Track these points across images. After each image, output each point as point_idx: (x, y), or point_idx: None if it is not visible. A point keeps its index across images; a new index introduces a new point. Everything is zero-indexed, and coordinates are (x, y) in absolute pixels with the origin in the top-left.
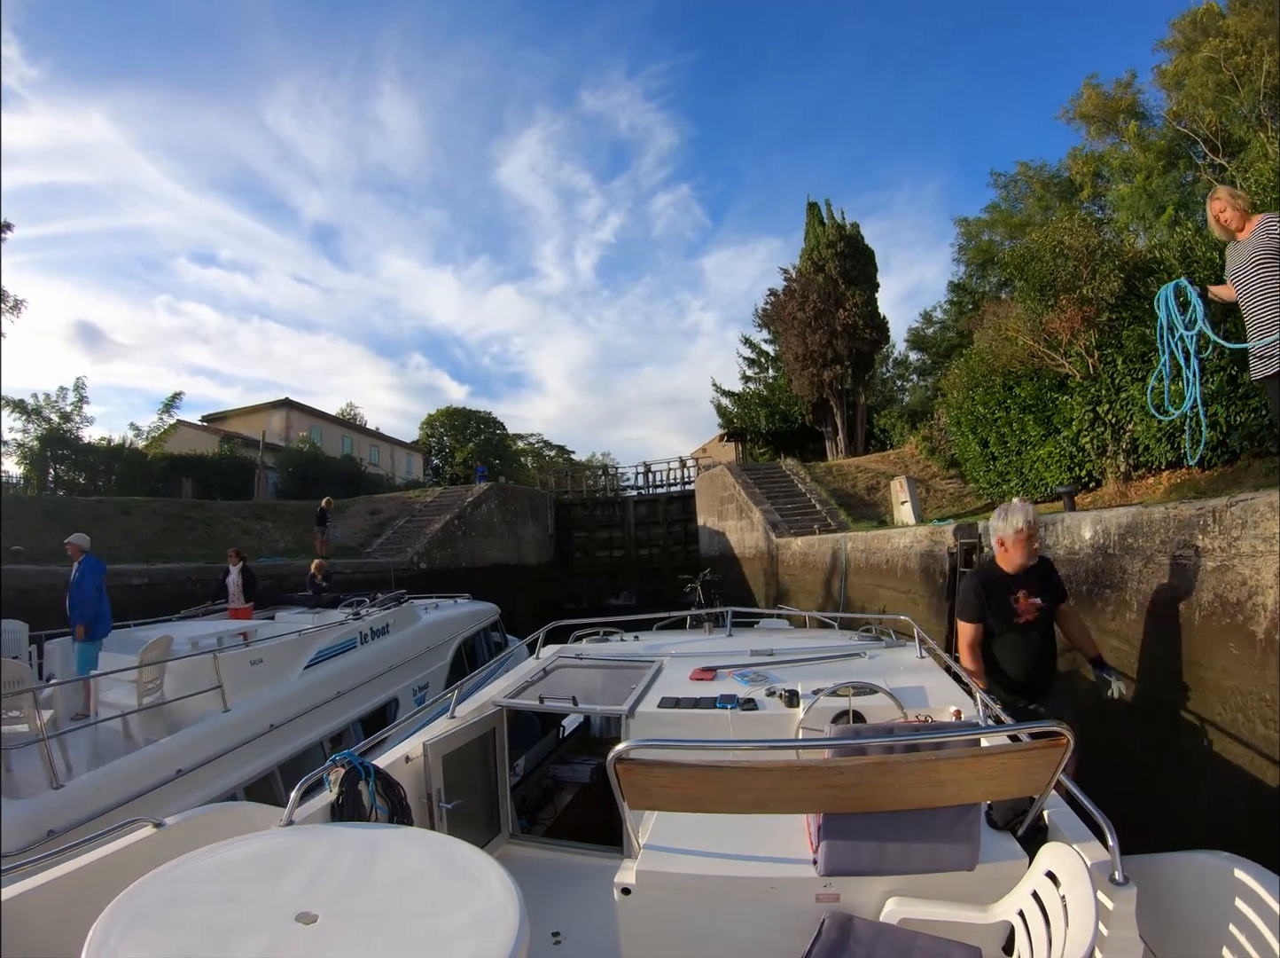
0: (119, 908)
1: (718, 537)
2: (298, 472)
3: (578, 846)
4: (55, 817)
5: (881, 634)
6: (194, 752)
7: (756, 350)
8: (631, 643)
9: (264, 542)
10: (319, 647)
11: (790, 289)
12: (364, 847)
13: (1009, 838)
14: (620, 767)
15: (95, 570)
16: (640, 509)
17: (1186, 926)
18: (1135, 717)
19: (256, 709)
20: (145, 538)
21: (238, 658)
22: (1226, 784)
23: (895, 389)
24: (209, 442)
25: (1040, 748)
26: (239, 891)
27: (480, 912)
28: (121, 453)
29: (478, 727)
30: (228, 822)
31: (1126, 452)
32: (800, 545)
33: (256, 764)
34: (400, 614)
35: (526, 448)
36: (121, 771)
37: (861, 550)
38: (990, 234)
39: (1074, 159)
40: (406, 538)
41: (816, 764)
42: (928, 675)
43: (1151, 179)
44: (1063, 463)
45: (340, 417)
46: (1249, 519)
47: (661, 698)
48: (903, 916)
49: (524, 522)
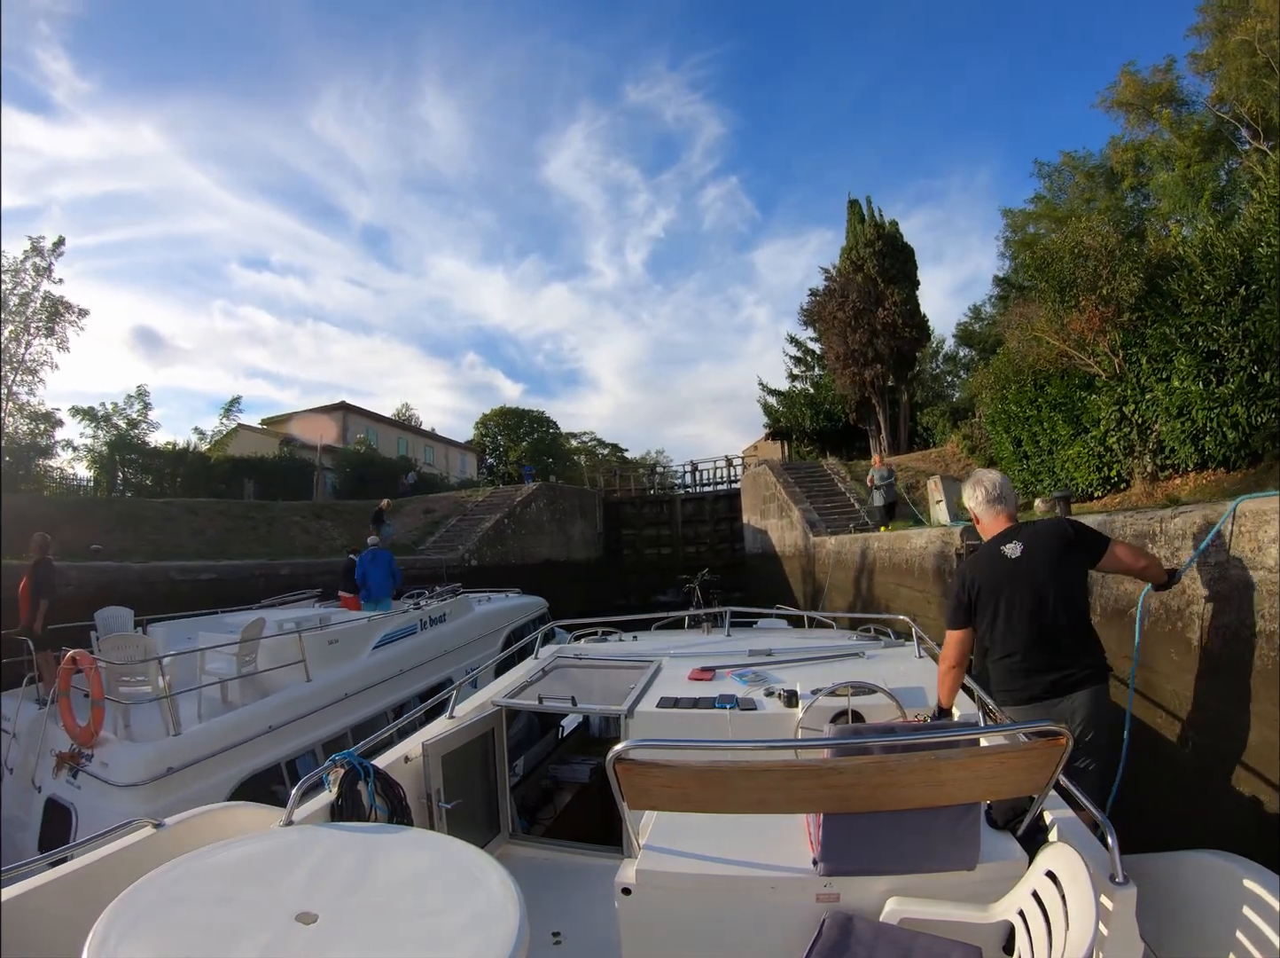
0: (119, 908)
1: (760, 535)
2: (354, 472)
3: (577, 846)
4: (174, 756)
5: (880, 634)
6: (282, 712)
7: (802, 349)
8: (630, 643)
9: (323, 539)
10: (386, 630)
11: (830, 288)
12: (364, 847)
13: (1009, 838)
14: (620, 767)
15: None
16: (688, 507)
17: (1186, 925)
18: (1136, 717)
19: (334, 681)
20: (212, 537)
21: (318, 638)
22: (1226, 784)
23: (945, 385)
24: (269, 444)
25: (1039, 748)
26: (239, 891)
27: (480, 912)
28: (186, 456)
29: (477, 727)
30: (228, 822)
31: (1153, 452)
32: (833, 544)
33: (334, 726)
34: (456, 605)
35: (580, 446)
36: (225, 724)
37: (886, 550)
38: (1035, 226)
39: (1114, 148)
40: (458, 536)
41: (816, 764)
42: (927, 675)
43: (1191, 166)
44: (1092, 463)
45: (395, 418)
46: (1187, 532)
47: (660, 698)
48: (903, 915)
49: (573, 520)
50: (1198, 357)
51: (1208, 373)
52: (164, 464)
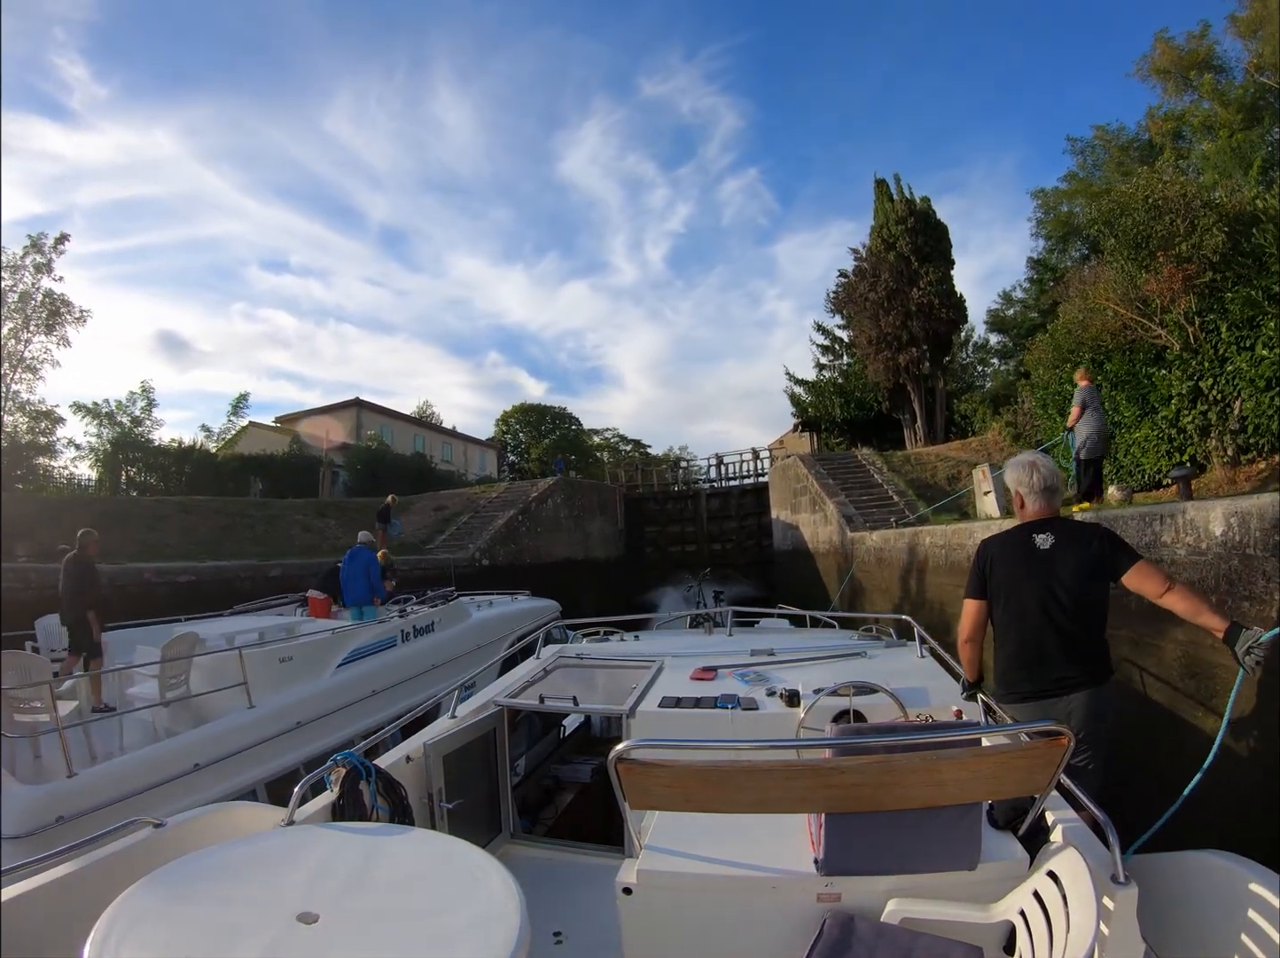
0: (120, 908)
1: (791, 530)
2: (366, 469)
3: (579, 845)
4: (66, 803)
5: (882, 634)
6: (213, 747)
7: (830, 337)
8: (632, 643)
9: (325, 539)
10: (354, 645)
11: (861, 269)
12: (365, 847)
13: (1010, 838)
14: (621, 766)
15: None
16: (713, 503)
17: (1187, 925)
18: (1135, 716)
19: (283, 706)
20: (203, 537)
21: (265, 655)
22: (1226, 784)
23: (975, 375)
24: (282, 442)
25: (1041, 748)
26: (240, 891)
27: (481, 912)
28: (192, 454)
29: (478, 727)
30: (228, 822)
31: (1234, 432)
32: (875, 540)
33: (279, 762)
34: (448, 612)
35: (602, 443)
36: (138, 762)
37: (941, 547)
38: (1069, 205)
39: (1152, 119)
40: (469, 534)
41: (817, 764)
42: (929, 675)
43: (1234, 135)
44: (1161, 446)
45: (413, 415)
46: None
47: (662, 698)
48: (904, 915)
49: (592, 517)
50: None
51: None
52: (169, 462)
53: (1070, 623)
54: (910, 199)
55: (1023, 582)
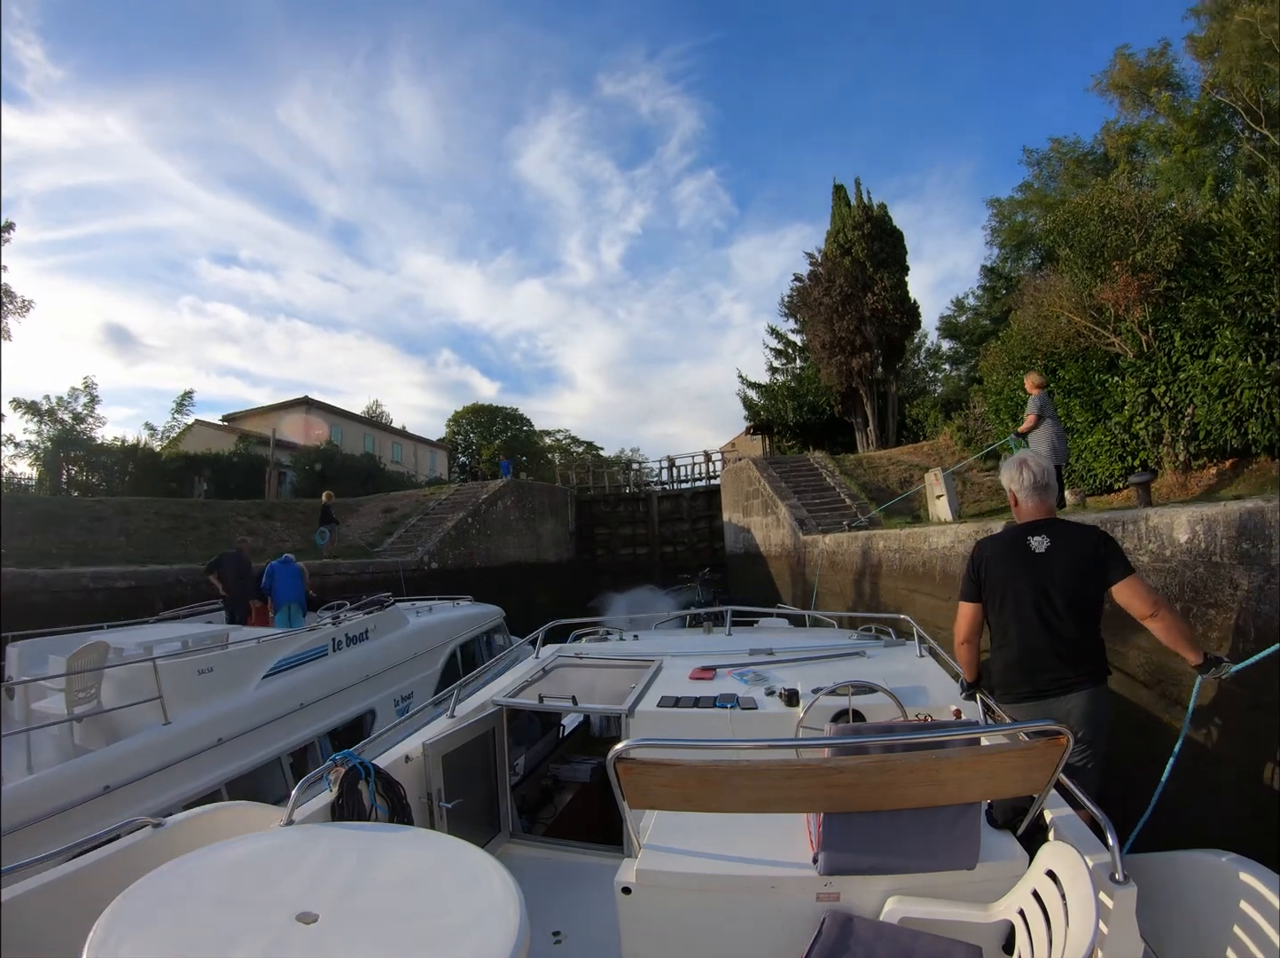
0: (119, 908)
1: (743, 533)
2: (314, 470)
3: (578, 845)
4: None
5: (881, 633)
6: (125, 767)
7: (783, 341)
8: (631, 642)
9: (270, 541)
10: (280, 655)
11: (816, 274)
12: (364, 847)
13: (1009, 837)
14: (620, 766)
15: None
16: (664, 505)
17: (1187, 925)
18: (1137, 717)
19: (203, 721)
20: (144, 539)
21: (182, 666)
22: (1226, 784)
23: (927, 380)
24: (228, 441)
25: (1040, 747)
26: (239, 891)
27: (481, 911)
28: (136, 453)
29: (477, 726)
30: (228, 822)
31: (1186, 438)
32: (828, 544)
33: (199, 782)
34: (383, 619)
35: (554, 444)
36: (41, 785)
37: (894, 551)
38: (1024, 214)
39: (1108, 133)
40: (418, 537)
41: (816, 764)
42: (928, 675)
43: (1189, 151)
44: (1114, 451)
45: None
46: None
47: (661, 697)
48: (903, 915)
49: (543, 519)
50: (1244, 330)
51: (1256, 347)
52: (112, 461)
53: (1066, 625)
54: (868, 205)
55: (1018, 584)
